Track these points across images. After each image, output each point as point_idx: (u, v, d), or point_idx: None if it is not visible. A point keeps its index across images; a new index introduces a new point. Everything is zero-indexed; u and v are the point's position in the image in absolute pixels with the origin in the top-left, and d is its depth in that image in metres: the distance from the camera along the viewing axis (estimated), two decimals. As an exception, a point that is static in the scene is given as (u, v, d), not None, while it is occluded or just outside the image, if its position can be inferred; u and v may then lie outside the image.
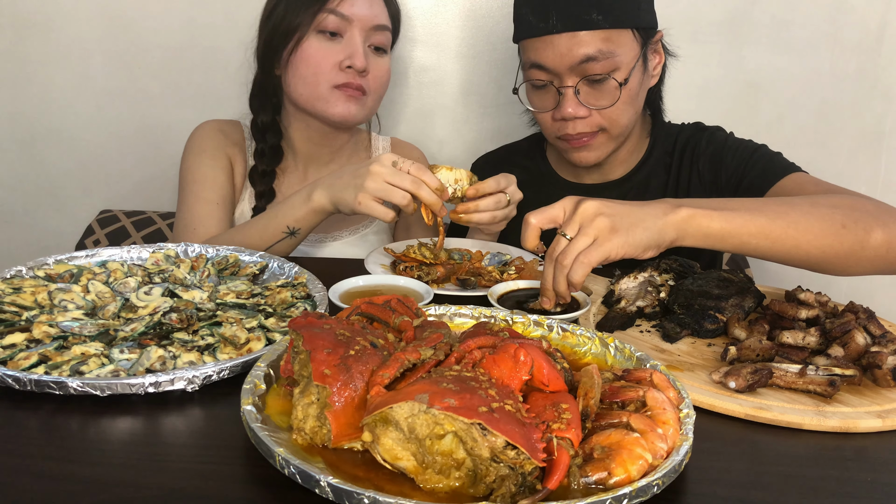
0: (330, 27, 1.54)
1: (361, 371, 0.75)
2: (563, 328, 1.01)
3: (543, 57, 1.42)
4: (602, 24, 1.37)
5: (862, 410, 0.92)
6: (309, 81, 1.57)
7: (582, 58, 1.38)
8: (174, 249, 1.29)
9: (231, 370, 0.91)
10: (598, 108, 1.44)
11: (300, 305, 1.12)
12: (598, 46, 1.38)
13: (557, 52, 1.40)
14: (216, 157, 1.66)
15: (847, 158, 2.15)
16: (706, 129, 1.62)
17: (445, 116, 2.17)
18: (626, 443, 0.72)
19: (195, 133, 1.71)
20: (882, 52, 2.06)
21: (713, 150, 1.56)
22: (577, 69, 1.40)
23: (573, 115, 1.44)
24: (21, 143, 2.17)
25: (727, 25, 2.06)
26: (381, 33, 1.59)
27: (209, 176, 1.63)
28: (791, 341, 1.06)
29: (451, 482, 0.69)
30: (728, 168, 1.53)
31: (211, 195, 1.61)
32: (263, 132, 1.68)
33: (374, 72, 1.59)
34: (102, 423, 0.83)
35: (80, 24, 2.07)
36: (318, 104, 1.59)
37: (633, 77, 1.44)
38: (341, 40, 1.55)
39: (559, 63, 1.40)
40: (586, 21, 1.37)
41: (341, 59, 1.55)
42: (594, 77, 1.41)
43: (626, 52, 1.41)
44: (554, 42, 1.40)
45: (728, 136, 1.59)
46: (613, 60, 1.40)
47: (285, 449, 0.70)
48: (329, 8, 1.53)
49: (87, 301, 1.06)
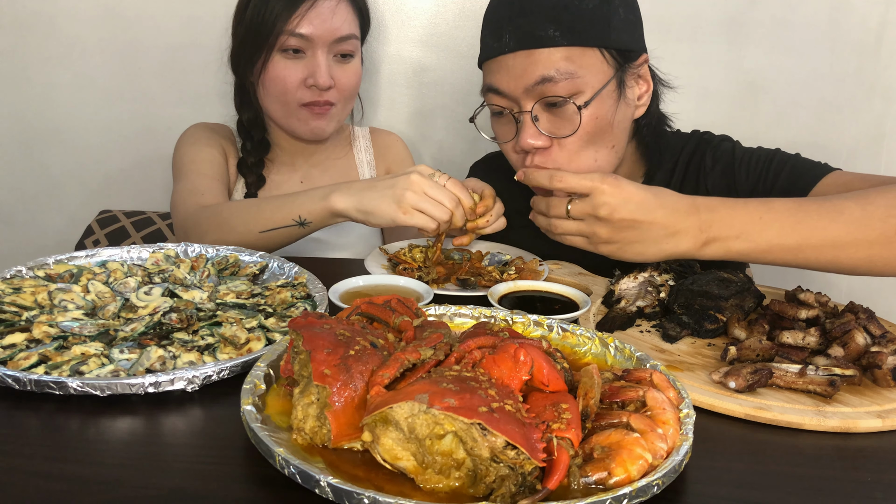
0: (292, 46, 1.57)
1: (361, 371, 0.75)
2: (563, 328, 1.01)
3: (498, 80, 1.28)
4: (559, 41, 1.22)
5: (862, 410, 0.92)
6: (279, 100, 1.62)
7: (537, 78, 1.23)
8: (174, 249, 1.29)
9: (231, 370, 0.91)
10: (558, 136, 1.27)
11: (300, 305, 1.12)
12: (557, 66, 1.22)
13: (512, 73, 1.25)
14: (210, 143, 1.70)
15: (847, 158, 2.15)
16: (710, 141, 1.46)
17: (445, 116, 2.17)
18: (626, 443, 0.72)
19: (185, 132, 1.75)
20: (882, 52, 2.06)
21: (721, 167, 1.41)
22: (534, 91, 1.24)
23: (531, 146, 1.27)
24: (21, 143, 2.17)
25: (727, 25, 2.06)
26: (347, 42, 1.61)
27: (205, 155, 1.66)
28: (791, 341, 1.06)
29: (451, 482, 0.69)
30: (742, 186, 1.38)
31: (209, 171, 1.63)
32: (249, 129, 1.72)
33: (341, 81, 1.62)
34: (102, 423, 0.83)
35: (80, 24, 2.07)
36: (289, 122, 1.65)
37: (598, 103, 1.26)
38: (304, 57, 1.59)
39: (514, 85, 1.25)
40: (542, 38, 1.22)
41: (304, 76, 1.58)
42: (553, 100, 1.24)
43: (591, 74, 1.24)
44: (508, 62, 1.25)
45: (735, 147, 1.43)
46: (574, 82, 1.23)
47: (285, 449, 0.70)
48: (288, 30, 1.54)
49: (87, 301, 1.06)
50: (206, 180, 1.60)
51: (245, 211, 1.40)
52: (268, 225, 1.36)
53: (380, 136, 1.94)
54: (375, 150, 1.92)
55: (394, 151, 1.94)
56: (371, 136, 1.93)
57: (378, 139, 1.94)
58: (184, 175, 1.63)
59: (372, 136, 1.93)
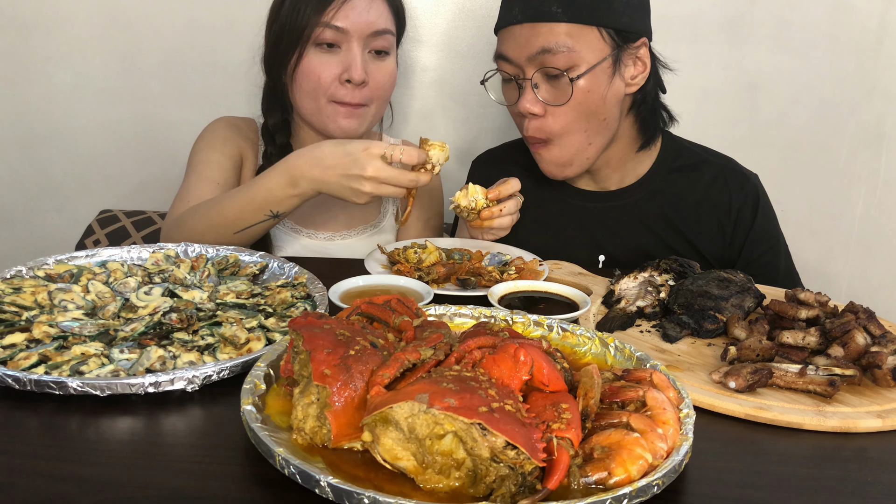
0: (327, 40, 1.53)
1: (361, 371, 0.75)
2: (563, 328, 1.01)
3: (506, 47, 1.43)
4: (561, 17, 1.36)
5: (862, 410, 0.92)
6: (311, 95, 1.57)
7: (538, 49, 1.37)
8: (174, 249, 1.29)
9: (231, 370, 0.91)
10: (553, 104, 1.41)
11: (300, 305, 1.12)
12: (557, 39, 1.36)
13: (518, 42, 1.40)
14: (226, 147, 1.67)
15: (847, 158, 2.15)
16: (757, 197, 1.57)
17: (445, 116, 2.17)
18: (626, 443, 0.72)
19: (208, 127, 1.72)
20: (882, 52, 2.06)
21: (759, 234, 1.56)
22: (535, 60, 1.39)
23: (528, 110, 1.42)
24: (21, 143, 2.17)
25: (727, 25, 2.06)
26: (382, 37, 1.57)
27: (214, 160, 1.63)
28: (791, 341, 1.06)
29: (451, 482, 0.69)
30: (750, 250, 1.55)
31: (213, 175, 1.61)
32: (273, 134, 1.68)
33: (376, 78, 1.58)
34: (102, 423, 0.83)
35: (80, 24, 2.07)
36: (320, 119, 1.59)
37: (591, 78, 1.39)
38: (340, 51, 1.54)
39: (518, 53, 1.40)
40: (546, 13, 1.37)
41: (339, 71, 1.54)
42: (551, 71, 1.38)
43: (588, 51, 1.38)
44: (515, 32, 1.41)
45: (762, 194, 1.58)
46: (571, 56, 1.37)
47: (285, 449, 0.70)
48: (324, 21, 1.51)
49: (87, 301, 1.06)
50: (206, 184, 1.59)
51: (216, 212, 1.40)
52: (242, 224, 1.38)
53: None
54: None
55: None
56: None
57: None
58: (189, 174, 1.62)
59: None
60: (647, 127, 1.55)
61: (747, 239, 1.55)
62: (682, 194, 1.56)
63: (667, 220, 1.56)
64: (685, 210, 1.56)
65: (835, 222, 2.20)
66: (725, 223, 1.55)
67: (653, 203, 1.57)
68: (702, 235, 1.56)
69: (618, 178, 1.59)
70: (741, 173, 1.59)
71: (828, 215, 2.19)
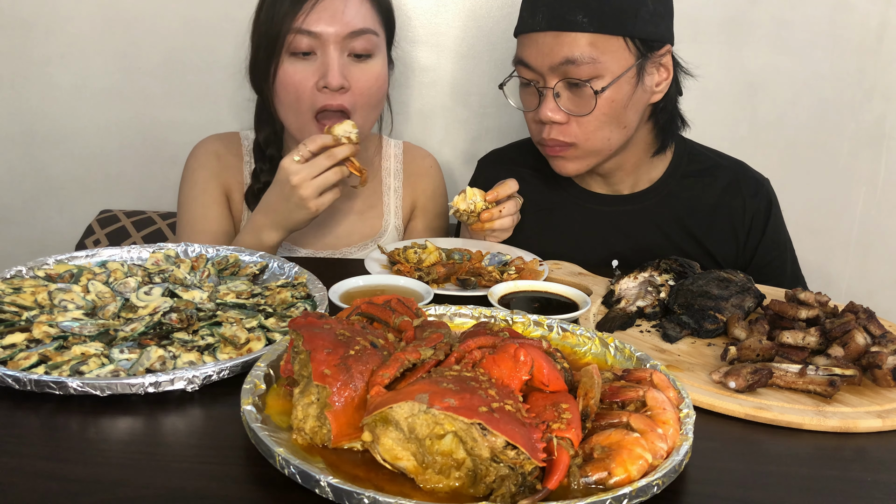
0: (302, 48, 1.44)
1: (361, 371, 0.75)
2: (563, 328, 1.01)
3: (527, 54, 1.40)
4: (587, 27, 1.33)
5: (862, 410, 0.92)
6: (294, 109, 1.49)
7: (562, 59, 1.34)
8: (174, 249, 1.29)
9: (231, 370, 0.91)
10: (576, 114, 1.38)
11: (300, 305, 1.12)
12: (581, 50, 1.33)
13: (540, 50, 1.37)
14: (207, 189, 1.63)
15: (847, 158, 2.15)
16: (769, 204, 1.57)
17: (445, 116, 2.16)
18: (626, 443, 0.72)
19: (190, 157, 1.67)
20: (882, 52, 2.06)
21: (770, 240, 1.56)
22: (558, 70, 1.36)
23: (550, 118, 1.39)
24: (21, 143, 2.17)
25: (727, 25, 2.06)
26: (363, 38, 1.46)
27: (199, 214, 1.62)
28: (791, 341, 1.06)
29: (451, 482, 0.69)
30: (762, 255, 1.55)
31: (204, 227, 1.61)
32: (264, 148, 1.63)
33: (359, 83, 1.48)
34: (102, 423, 0.83)
35: (80, 24, 2.07)
36: (304, 133, 1.49)
37: (616, 88, 1.36)
38: (316, 58, 1.45)
39: (541, 62, 1.37)
40: (570, 22, 1.33)
41: (316, 79, 1.45)
42: (574, 81, 1.36)
43: (612, 61, 1.35)
44: (538, 40, 1.37)
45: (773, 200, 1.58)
46: (595, 66, 1.34)
47: (285, 449, 0.70)
48: (296, 27, 1.42)
49: (87, 301, 1.06)
50: (203, 237, 1.58)
51: None
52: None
53: (414, 160, 1.77)
54: (405, 175, 1.76)
55: (425, 183, 1.77)
56: (404, 155, 1.76)
57: (411, 162, 1.76)
58: (181, 228, 1.63)
59: (405, 157, 1.76)
60: (664, 133, 1.53)
61: (760, 245, 1.55)
62: (697, 199, 1.56)
63: (680, 225, 1.55)
64: (699, 215, 1.55)
65: (835, 222, 2.20)
66: (739, 229, 1.55)
67: (666, 207, 1.56)
68: (715, 240, 1.55)
69: (631, 182, 1.58)
70: (755, 179, 1.59)
71: (828, 215, 2.19)
